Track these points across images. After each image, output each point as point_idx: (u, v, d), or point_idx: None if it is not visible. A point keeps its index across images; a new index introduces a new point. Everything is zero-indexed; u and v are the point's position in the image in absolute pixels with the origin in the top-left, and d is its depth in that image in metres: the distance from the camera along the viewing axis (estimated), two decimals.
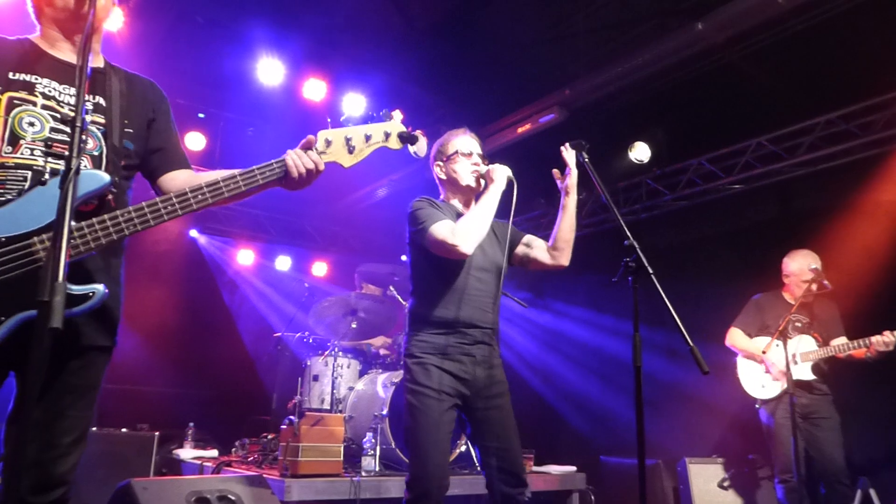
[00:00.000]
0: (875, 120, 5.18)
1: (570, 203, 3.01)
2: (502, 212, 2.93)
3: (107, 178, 1.81)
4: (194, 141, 6.75)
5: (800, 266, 4.49)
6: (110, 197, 1.89)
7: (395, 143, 2.12)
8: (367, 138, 2.08)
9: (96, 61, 2.07)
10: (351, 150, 2.05)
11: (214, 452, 5.41)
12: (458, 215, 2.98)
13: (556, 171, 3.02)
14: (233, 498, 3.22)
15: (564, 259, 3.04)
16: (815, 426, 4.34)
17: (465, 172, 3.04)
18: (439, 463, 2.68)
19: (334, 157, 2.04)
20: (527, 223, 8.16)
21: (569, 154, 2.99)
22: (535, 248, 3.13)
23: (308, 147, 2.02)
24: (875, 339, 4.07)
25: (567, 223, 3.01)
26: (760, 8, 4.42)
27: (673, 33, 4.87)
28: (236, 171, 1.97)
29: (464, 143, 3.10)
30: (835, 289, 4.35)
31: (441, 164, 3.13)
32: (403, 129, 2.13)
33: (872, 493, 4.64)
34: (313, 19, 5.48)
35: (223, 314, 8.34)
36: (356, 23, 5.48)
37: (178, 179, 2.11)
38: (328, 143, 2.04)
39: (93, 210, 1.83)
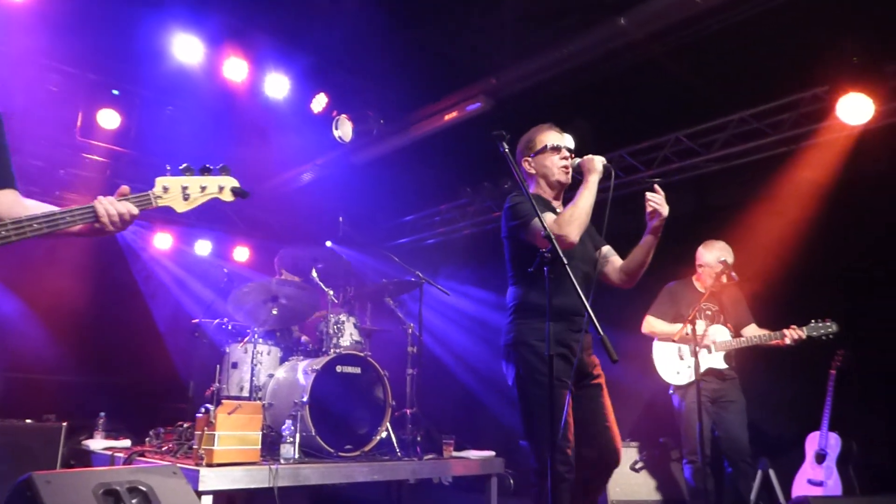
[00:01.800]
0: (784, 119, 5.44)
1: (650, 242, 3.10)
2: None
3: None
4: (108, 119, 6.37)
5: (714, 257, 4.69)
6: None
7: (227, 196, 2.30)
8: (203, 189, 2.25)
9: None
10: (186, 198, 2.22)
11: (127, 442, 5.22)
12: (551, 208, 3.11)
13: (650, 211, 3.08)
14: (143, 489, 3.09)
15: (630, 284, 3.21)
16: (723, 409, 4.57)
17: (556, 167, 3.16)
18: (570, 438, 2.89)
19: (169, 203, 2.22)
20: (453, 211, 8.18)
21: (661, 198, 3.06)
22: (609, 263, 3.27)
23: (123, 195, 2.16)
24: (787, 333, 4.34)
25: (640, 257, 3.13)
26: (679, 6, 4.54)
27: (597, 27, 4.94)
28: (55, 209, 2.07)
29: (552, 138, 3.19)
30: (743, 278, 4.58)
31: (529, 159, 3.22)
32: (237, 184, 2.30)
33: (772, 472, 4.92)
34: None
35: (137, 300, 8.01)
36: (277, 1, 5.32)
37: (1, 203, 2.16)
38: (165, 189, 2.20)
39: None
